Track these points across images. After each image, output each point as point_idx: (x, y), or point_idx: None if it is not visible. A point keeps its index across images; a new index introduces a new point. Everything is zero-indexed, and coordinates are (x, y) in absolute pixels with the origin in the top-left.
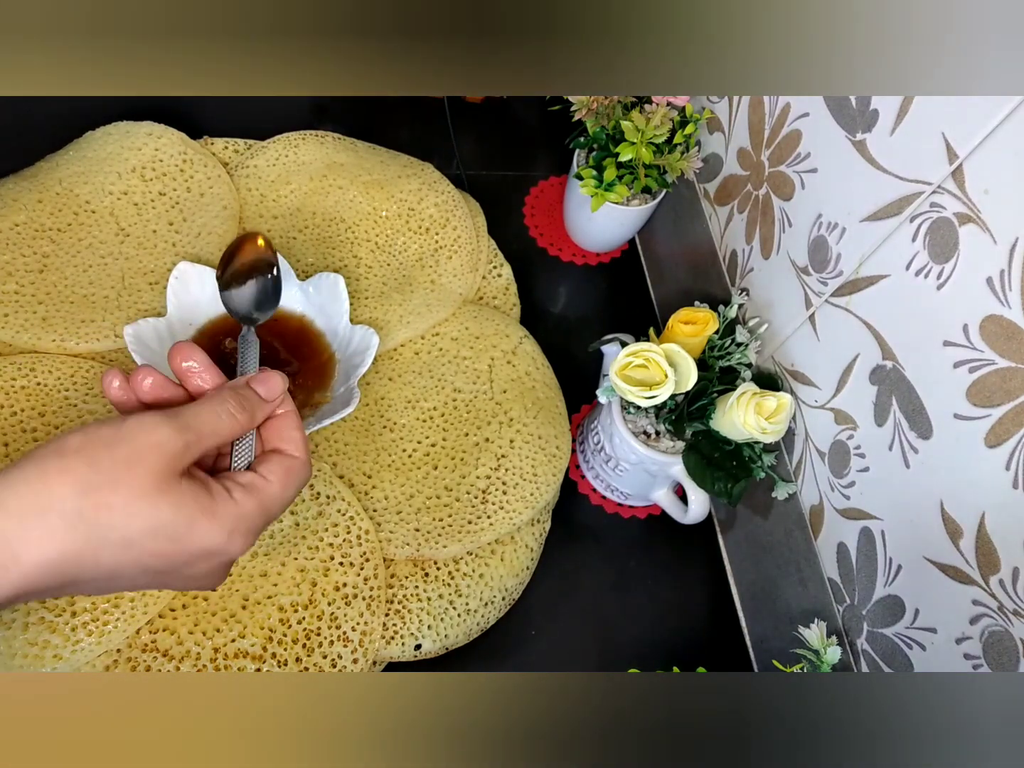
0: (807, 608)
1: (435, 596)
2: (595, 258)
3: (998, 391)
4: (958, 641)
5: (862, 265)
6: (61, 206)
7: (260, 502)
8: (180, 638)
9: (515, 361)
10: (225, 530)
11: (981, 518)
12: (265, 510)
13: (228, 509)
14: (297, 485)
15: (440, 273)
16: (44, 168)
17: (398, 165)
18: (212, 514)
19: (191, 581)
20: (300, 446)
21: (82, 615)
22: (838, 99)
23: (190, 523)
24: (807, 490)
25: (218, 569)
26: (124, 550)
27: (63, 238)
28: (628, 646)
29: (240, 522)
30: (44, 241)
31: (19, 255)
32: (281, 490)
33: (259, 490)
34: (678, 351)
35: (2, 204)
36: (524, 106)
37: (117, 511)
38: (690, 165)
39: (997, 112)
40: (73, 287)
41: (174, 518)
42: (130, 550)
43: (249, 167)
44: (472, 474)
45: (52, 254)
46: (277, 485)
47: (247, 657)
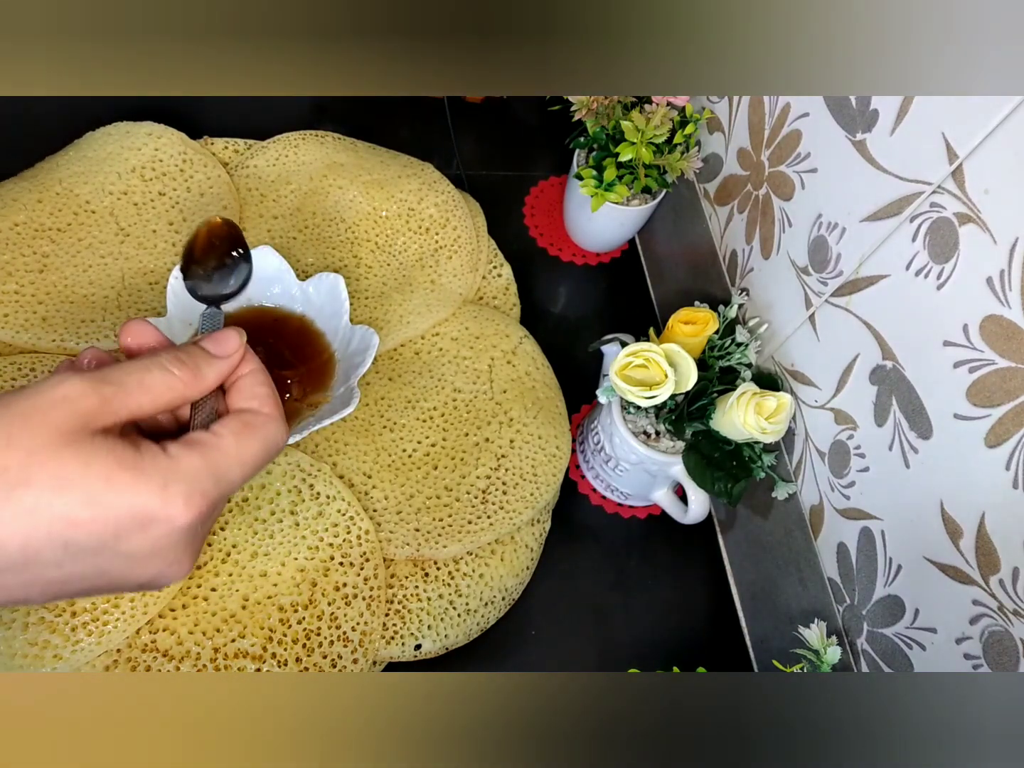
0: (807, 608)
1: (435, 596)
2: (595, 258)
3: (998, 391)
4: (958, 641)
5: (862, 265)
6: (61, 206)
7: (206, 458)
8: (180, 638)
9: (515, 361)
10: (155, 485)
11: (981, 518)
12: (214, 467)
13: (158, 463)
14: (261, 443)
15: (440, 273)
16: (44, 168)
17: (398, 165)
18: (135, 468)
19: (137, 565)
20: (266, 402)
21: (82, 615)
22: (838, 99)
23: (107, 480)
24: (807, 490)
25: (165, 545)
26: (30, 519)
27: (63, 238)
28: (628, 646)
29: (176, 476)
30: (44, 241)
31: (19, 255)
32: (235, 446)
33: (204, 444)
34: (678, 351)
35: (2, 204)
36: (524, 106)
37: (13, 472)
38: (690, 165)
39: (997, 112)
40: (73, 287)
41: (84, 474)
42: (36, 518)
43: (249, 167)
44: (472, 474)
45: (52, 254)
46: (230, 440)
47: (247, 657)
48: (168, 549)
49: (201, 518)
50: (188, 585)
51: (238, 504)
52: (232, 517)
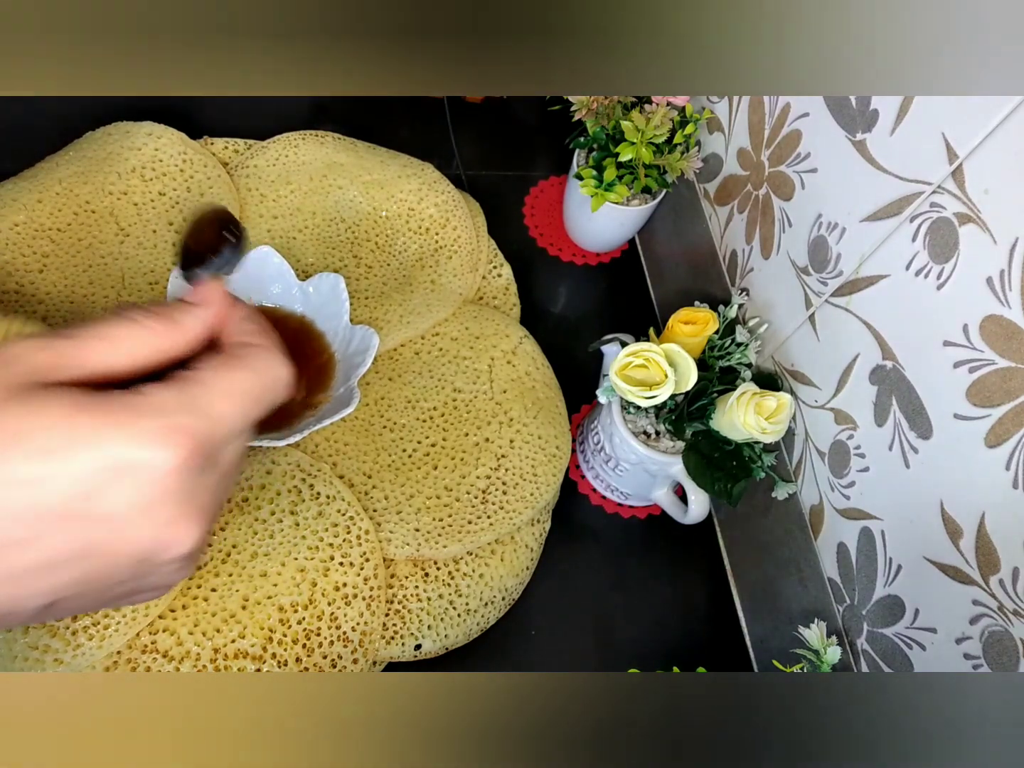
0: (807, 608)
1: (435, 596)
2: (595, 258)
3: (998, 391)
4: (958, 641)
5: (862, 265)
6: (61, 206)
7: (182, 391)
8: (180, 639)
9: (515, 361)
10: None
11: (981, 518)
12: (190, 398)
13: (125, 400)
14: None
15: (440, 273)
16: (44, 168)
17: (398, 165)
18: (97, 408)
19: (123, 530)
20: (256, 336)
21: (83, 619)
22: (838, 99)
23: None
24: (807, 490)
25: (151, 497)
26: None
27: (63, 238)
28: (628, 646)
29: (147, 411)
30: (44, 241)
31: (19, 255)
32: (217, 376)
33: (180, 379)
34: (678, 351)
35: (2, 204)
36: (524, 106)
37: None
38: (690, 165)
39: (997, 112)
40: (73, 287)
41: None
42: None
43: (249, 167)
44: (472, 474)
45: (52, 254)
46: (210, 372)
47: (247, 657)
48: (156, 504)
49: (190, 461)
50: (188, 585)
51: (238, 504)
52: (232, 517)
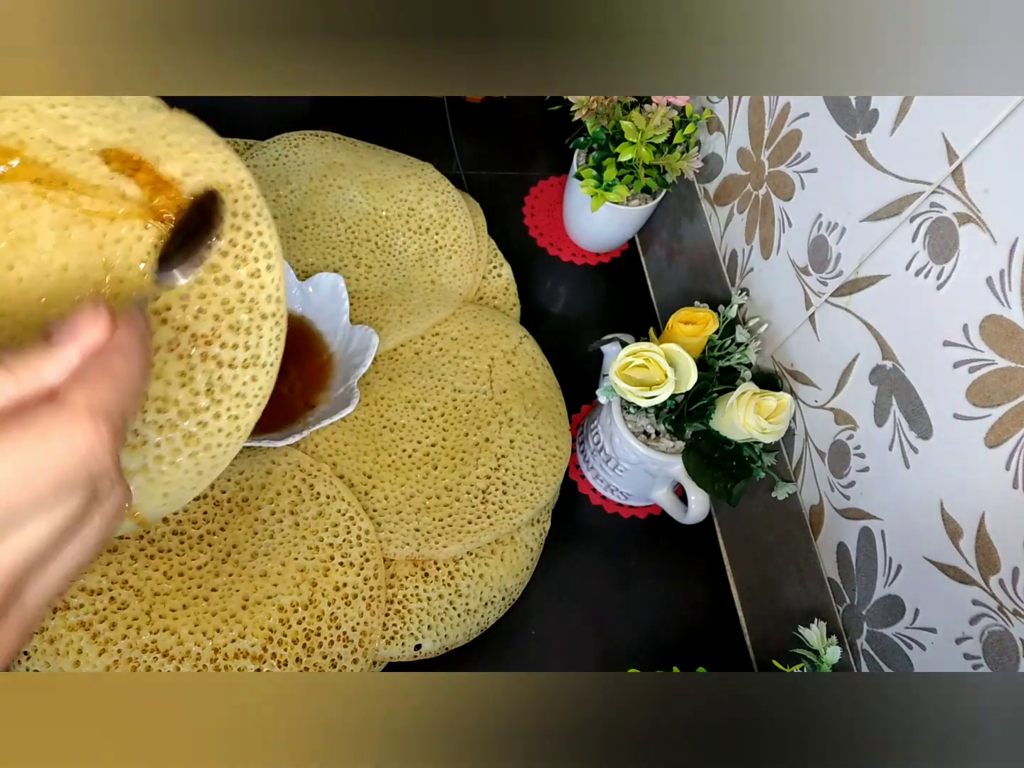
0: (807, 608)
1: (435, 596)
2: (595, 258)
3: (998, 391)
4: (958, 641)
5: (862, 265)
6: None
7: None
8: (180, 638)
9: (515, 361)
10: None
11: (981, 518)
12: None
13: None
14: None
15: (440, 273)
16: None
17: (398, 165)
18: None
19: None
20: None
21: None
22: (838, 99)
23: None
24: (807, 490)
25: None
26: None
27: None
28: (628, 646)
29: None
30: None
31: None
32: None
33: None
34: (678, 351)
35: None
36: (524, 106)
37: None
38: (690, 165)
39: (997, 112)
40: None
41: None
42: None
43: (249, 167)
44: (472, 474)
45: None
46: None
47: (247, 657)
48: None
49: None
50: (188, 585)
51: (238, 504)
52: (232, 517)
